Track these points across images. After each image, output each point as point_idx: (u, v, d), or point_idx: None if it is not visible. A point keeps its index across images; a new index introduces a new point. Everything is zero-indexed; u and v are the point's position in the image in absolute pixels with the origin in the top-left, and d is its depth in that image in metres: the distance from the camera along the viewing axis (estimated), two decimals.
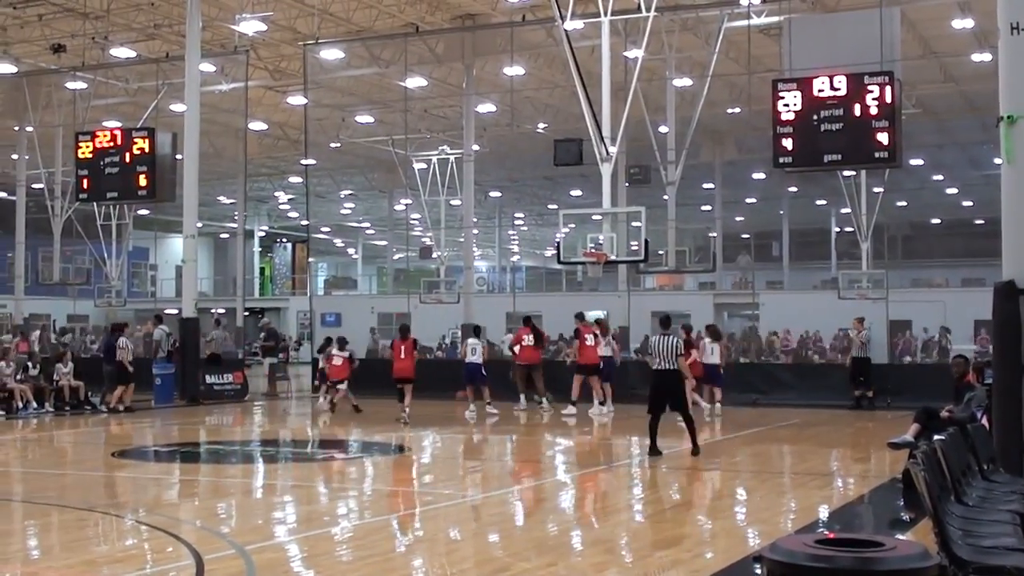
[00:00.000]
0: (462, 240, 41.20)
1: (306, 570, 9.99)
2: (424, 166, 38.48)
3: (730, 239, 59.56)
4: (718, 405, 24.83)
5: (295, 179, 59.43)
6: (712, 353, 25.39)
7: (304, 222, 61.84)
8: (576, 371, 25.34)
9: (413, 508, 13.38)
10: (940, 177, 57.66)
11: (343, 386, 25.88)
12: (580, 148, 25.04)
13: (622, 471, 17.14)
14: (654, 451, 16.96)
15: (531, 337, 25.53)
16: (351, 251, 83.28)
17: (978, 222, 64.19)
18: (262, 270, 70.33)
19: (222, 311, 47.02)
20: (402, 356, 23.38)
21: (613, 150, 22.03)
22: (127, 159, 28.47)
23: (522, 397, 25.69)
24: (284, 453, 20.05)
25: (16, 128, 41.87)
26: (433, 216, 38.22)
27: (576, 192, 58.60)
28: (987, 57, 32.38)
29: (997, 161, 13.41)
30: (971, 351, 29.51)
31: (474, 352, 25.49)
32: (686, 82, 35.31)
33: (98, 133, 29.59)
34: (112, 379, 26.37)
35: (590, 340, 25.13)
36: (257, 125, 45.28)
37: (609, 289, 44.02)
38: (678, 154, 32.34)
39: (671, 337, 16.99)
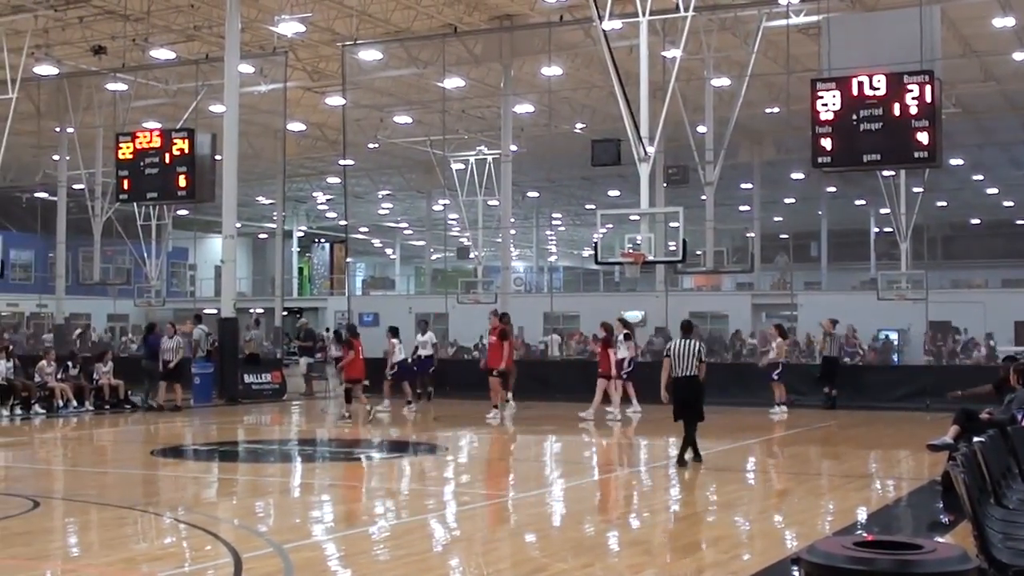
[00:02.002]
0: (499, 240, 41.25)
1: (343, 569, 10.02)
2: (462, 166, 38.53)
3: (768, 239, 59.24)
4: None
5: (333, 179, 59.60)
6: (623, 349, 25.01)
7: (342, 222, 62.04)
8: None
9: (450, 508, 13.39)
10: (980, 177, 57.26)
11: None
12: (618, 148, 25.05)
13: (659, 472, 17.10)
14: (680, 461, 16.23)
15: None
16: (389, 251, 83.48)
17: (1019, 222, 63.75)
18: (300, 270, 70.54)
19: (260, 311, 47.25)
20: (355, 357, 23.66)
21: (651, 150, 22.00)
22: (167, 160, 28.63)
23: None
24: (321, 452, 20.11)
25: (57, 129, 42.20)
26: (471, 216, 38.27)
27: (614, 192, 58.51)
28: None
29: None
30: (1013, 352, 29.24)
31: (425, 347, 26.80)
32: (724, 82, 35.19)
33: (138, 134, 29.77)
34: (154, 377, 26.64)
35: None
36: (296, 126, 45.45)
37: (647, 289, 43.89)
38: (716, 154, 32.25)
39: (693, 342, 16.35)
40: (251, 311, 46.65)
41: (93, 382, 26.77)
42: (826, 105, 21.75)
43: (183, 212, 49.93)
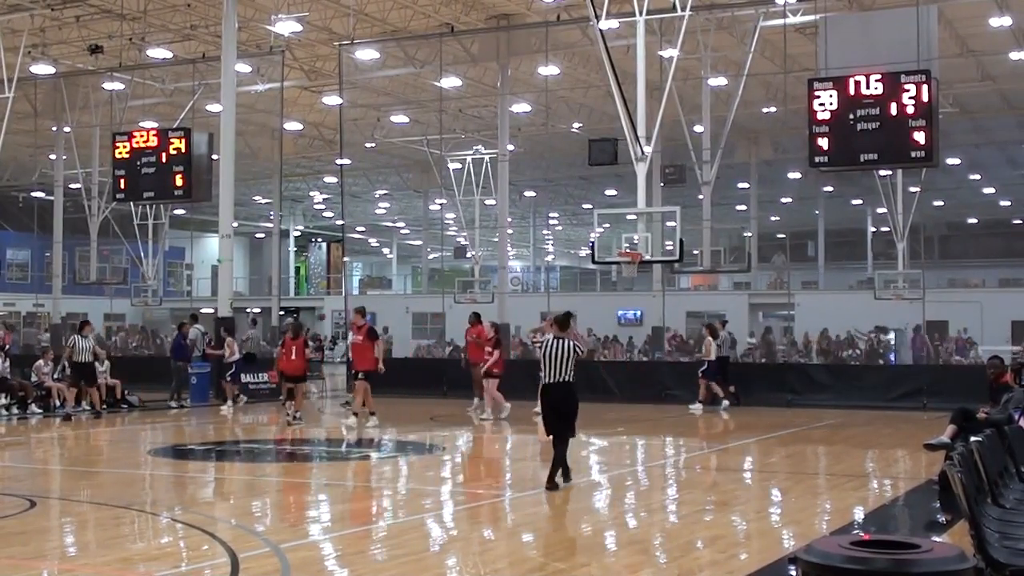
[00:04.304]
0: (496, 240, 41.24)
1: (340, 568, 10.01)
2: (459, 166, 38.55)
3: (765, 239, 59.45)
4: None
5: (330, 179, 59.63)
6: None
7: (339, 222, 62.00)
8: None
9: (447, 507, 13.38)
10: (977, 176, 57.33)
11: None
12: (615, 148, 25.04)
13: (655, 472, 17.09)
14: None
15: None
16: (386, 251, 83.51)
17: (1016, 222, 63.89)
18: (297, 270, 70.59)
19: (258, 311, 47.26)
20: (293, 356, 23.06)
21: (648, 150, 21.98)
22: (163, 159, 28.60)
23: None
24: (318, 452, 20.09)
25: (54, 128, 42.19)
26: (468, 216, 38.29)
27: (611, 192, 58.60)
28: None
29: None
30: (1008, 352, 29.29)
31: (238, 351, 27.24)
32: (721, 81, 35.20)
33: (135, 133, 29.74)
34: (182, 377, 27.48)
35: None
36: (292, 125, 45.47)
37: (644, 289, 43.98)
38: (713, 154, 32.25)
39: (567, 341, 13.79)
40: (248, 311, 46.65)
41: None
42: (823, 105, 21.74)
43: (180, 211, 50.06)
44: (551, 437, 13.98)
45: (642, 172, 22.01)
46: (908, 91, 21.10)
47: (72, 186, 41.40)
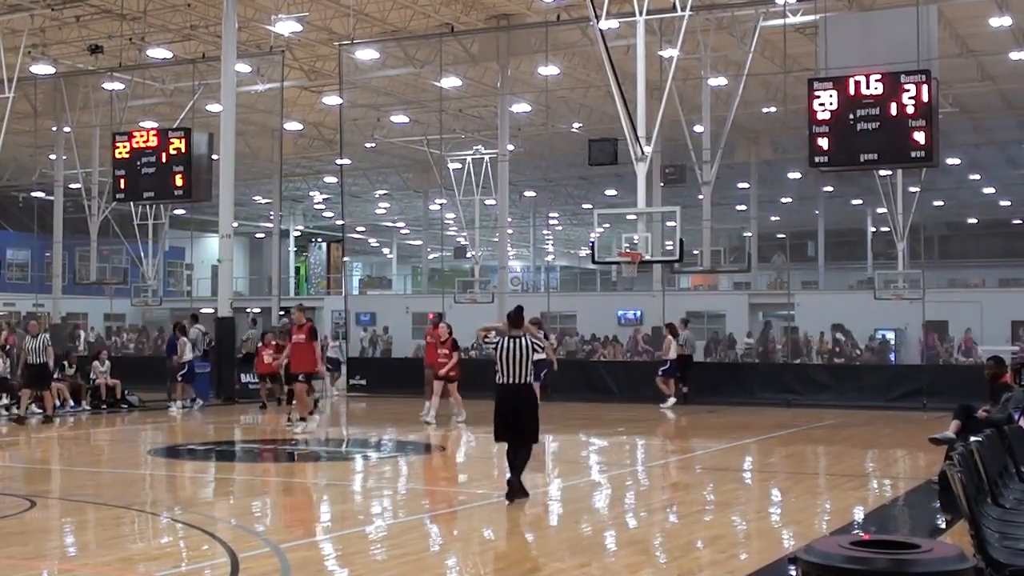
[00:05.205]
0: (496, 240, 41.26)
1: (340, 568, 10.01)
2: (459, 166, 38.54)
3: (765, 239, 59.42)
4: None
5: (330, 179, 59.62)
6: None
7: (339, 222, 62.00)
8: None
9: (447, 507, 13.38)
10: (977, 176, 57.32)
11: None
12: (615, 148, 25.05)
13: (655, 472, 17.09)
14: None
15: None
16: (386, 251, 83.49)
17: (1016, 222, 63.86)
18: (297, 269, 70.55)
19: (257, 310, 47.23)
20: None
21: (648, 150, 21.99)
22: (164, 159, 28.61)
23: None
24: (318, 452, 20.09)
25: (54, 128, 42.18)
26: (468, 216, 38.28)
27: (611, 192, 58.59)
28: None
29: None
30: (1008, 352, 29.29)
31: (191, 351, 26.96)
32: (721, 81, 35.19)
33: (135, 133, 29.75)
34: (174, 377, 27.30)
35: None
36: (292, 125, 45.47)
37: (644, 289, 43.97)
38: (713, 154, 32.24)
39: (523, 339, 12.73)
40: (248, 311, 46.62)
41: (90, 381, 26.78)
42: (823, 105, 21.75)
43: (180, 211, 49.98)
44: (501, 442, 12.87)
45: (642, 172, 22.02)
46: (908, 91, 21.11)
47: (72, 186, 41.38)
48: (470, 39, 35.91)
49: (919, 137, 21.04)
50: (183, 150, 28.40)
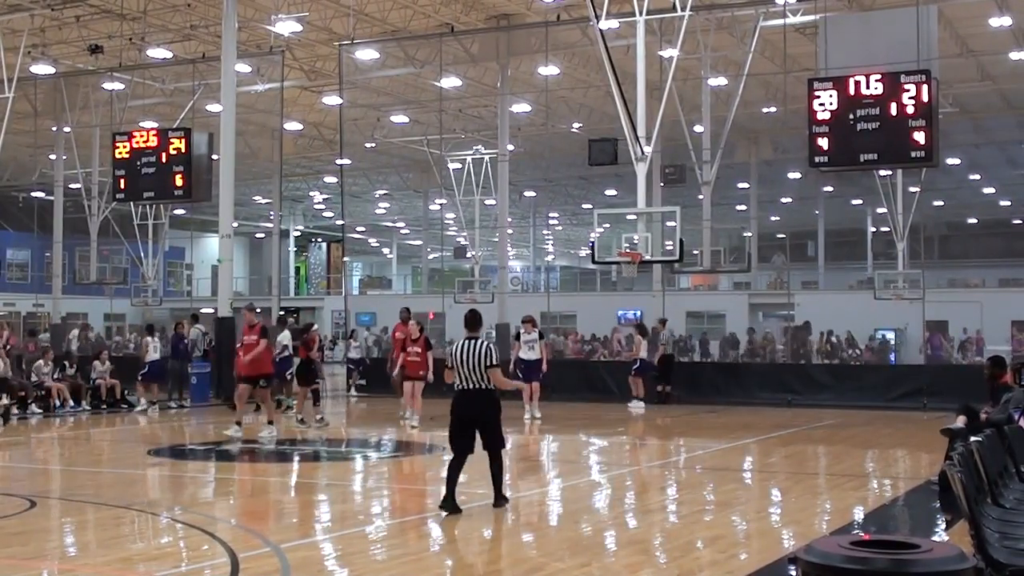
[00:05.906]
0: (496, 240, 41.24)
1: (340, 568, 10.01)
2: (459, 166, 38.56)
3: (765, 239, 59.45)
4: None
5: (330, 179, 59.64)
6: (532, 348, 24.16)
7: (339, 222, 62.04)
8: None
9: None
10: (977, 176, 57.33)
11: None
12: (615, 148, 25.05)
13: (655, 472, 17.09)
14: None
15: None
16: (386, 251, 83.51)
17: (1016, 222, 63.90)
18: (297, 269, 70.61)
19: (258, 311, 47.19)
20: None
21: (648, 150, 21.98)
22: (163, 159, 28.59)
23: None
24: (318, 452, 20.08)
25: (54, 128, 42.15)
26: (467, 216, 38.29)
27: (611, 192, 58.60)
28: None
29: None
30: (1007, 352, 29.32)
31: (156, 350, 27.01)
32: (721, 81, 35.18)
33: (135, 133, 29.73)
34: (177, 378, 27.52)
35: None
36: (292, 125, 45.47)
37: (644, 289, 43.95)
38: (713, 154, 32.22)
39: (479, 342, 12.18)
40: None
41: (90, 381, 26.79)
42: (823, 105, 21.73)
43: (180, 211, 50.03)
44: (459, 451, 12.16)
45: (642, 172, 22.01)
46: (908, 91, 21.09)
47: (72, 186, 41.36)
48: (470, 39, 35.90)
49: (919, 137, 21.03)
50: (183, 150, 28.38)
